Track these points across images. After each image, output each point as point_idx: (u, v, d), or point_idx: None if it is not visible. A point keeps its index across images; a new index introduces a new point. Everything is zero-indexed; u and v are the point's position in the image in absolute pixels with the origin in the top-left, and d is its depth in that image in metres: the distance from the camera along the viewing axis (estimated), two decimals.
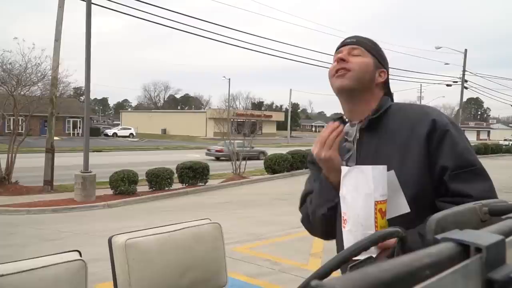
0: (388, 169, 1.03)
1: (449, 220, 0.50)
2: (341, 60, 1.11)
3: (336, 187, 1.09)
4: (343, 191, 1.03)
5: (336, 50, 1.17)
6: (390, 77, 1.19)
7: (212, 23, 12.88)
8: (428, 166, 1.05)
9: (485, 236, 0.39)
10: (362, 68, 1.11)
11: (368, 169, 1.00)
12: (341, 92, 1.13)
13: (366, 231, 0.98)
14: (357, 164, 1.09)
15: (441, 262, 0.35)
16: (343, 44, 1.16)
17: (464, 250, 0.37)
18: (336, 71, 1.12)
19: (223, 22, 13.59)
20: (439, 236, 0.41)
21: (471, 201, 0.54)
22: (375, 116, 1.11)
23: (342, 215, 1.03)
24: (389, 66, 1.20)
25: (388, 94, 1.18)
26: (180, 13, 11.38)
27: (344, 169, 1.05)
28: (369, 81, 1.12)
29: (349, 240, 1.01)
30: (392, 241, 0.86)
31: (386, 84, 1.18)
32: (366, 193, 0.99)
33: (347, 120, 1.16)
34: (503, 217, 0.52)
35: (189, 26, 11.99)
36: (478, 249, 0.37)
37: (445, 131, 1.05)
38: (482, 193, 0.97)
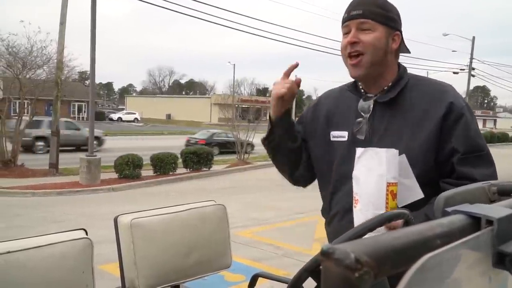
0: (397, 145, 1.05)
1: (458, 199, 0.49)
2: (353, 42, 1.07)
3: (273, 122, 1.16)
4: (356, 172, 1.05)
5: (343, 21, 1.11)
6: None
7: (217, 7, 12.70)
8: (436, 146, 1.06)
9: (496, 210, 0.38)
10: (375, 46, 1.08)
11: (382, 151, 1.02)
12: (357, 78, 1.13)
13: (377, 211, 0.99)
14: (366, 137, 1.10)
15: (452, 232, 0.34)
16: (350, 17, 1.09)
17: (475, 222, 0.37)
18: (349, 54, 1.09)
19: (228, 7, 13.39)
20: (449, 209, 0.40)
21: None
22: (392, 97, 1.09)
23: (354, 195, 1.05)
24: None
25: (405, 50, 1.15)
26: None
27: (359, 150, 1.06)
28: (383, 55, 1.09)
29: (359, 219, 1.03)
30: (399, 222, 0.86)
31: (400, 44, 1.13)
32: (378, 174, 1.00)
33: (362, 90, 1.15)
34: None
35: (194, 10, 11.84)
36: (489, 222, 0.36)
37: (461, 114, 1.06)
38: (486, 178, 0.96)
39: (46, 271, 1.07)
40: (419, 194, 1.05)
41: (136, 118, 42.36)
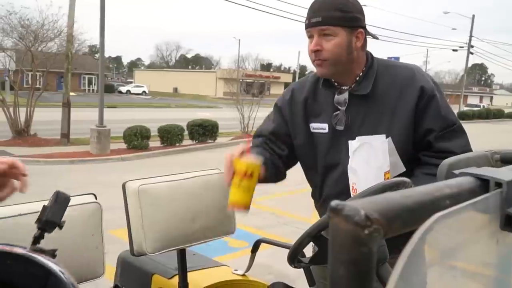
0: (377, 132, 1.10)
1: (461, 165, 0.49)
2: (316, 51, 1.09)
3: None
4: (353, 164, 1.10)
5: (305, 27, 1.12)
6: (395, 40, 1.22)
7: None
8: (412, 129, 1.12)
9: (505, 173, 0.37)
10: (337, 52, 1.09)
11: (377, 143, 1.07)
12: (324, 77, 1.16)
13: None
14: (345, 128, 1.14)
15: (461, 194, 0.33)
16: (311, 24, 1.09)
17: (484, 185, 0.36)
18: (313, 60, 1.12)
19: None
20: (457, 171, 0.39)
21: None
22: (365, 93, 1.12)
23: (352, 184, 1.10)
24: (396, 30, 1.20)
25: (373, 37, 1.17)
26: None
27: (353, 144, 1.10)
28: (347, 56, 1.10)
29: None
30: None
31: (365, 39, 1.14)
32: (377, 166, 1.06)
33: (335, 83, 1.17)
34: None
35: None
36: (498, 184, 0.35)
37: (432, 96, 1.11)
38: (462, 148, 1.08)
39: (55, 233, 1.10)
40: (402, 168, 1.12)
41: (144, 91, 42.34)
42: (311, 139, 1.20)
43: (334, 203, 0.26)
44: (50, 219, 0.86)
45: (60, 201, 0.88)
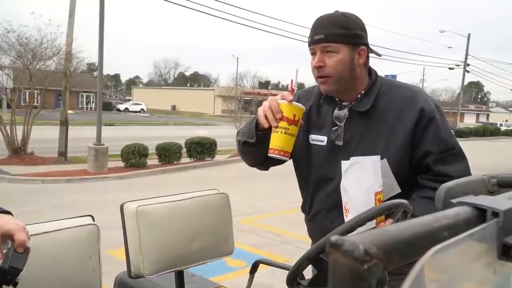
0: (374, 151, 1.11)
1: (458, 190, 0.50)
2: (318, 67, 1.10)
3: (258, 135, 1.12)
4: (345, 184, 1.10)
5: (308, 45, 1.14)
6: (393, 58, 1.22)
7: (222, 2, 12.59)
8: (410, 150, 1.12)
9: (502, 201, 0.38)
10: (340, 69, 1.10)
11: (368, 163, 1.07)
12: (327, 94, 1.17)
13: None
14: (344, 143, 1.15)
15: (458, 224, 0.34)
16: (314, 41, 1.11)
17: (481, 214, 0.37)
18: (317, 77, 1.13)
19: (232, 2, 13.26)
20: (454, 200, 0.40)
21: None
22: (364, 110, 1.13)
23: (344, 204, 1.11)
24: (393, 49, 1.20)
25: (376, 54, 1.18)
26: None
27: (345, 163, 1.10)
28: (350, 73, 1.11)
29: None
30: (390, 222, 0.94)
31: (367, 56, 1.15)
32: (367, 186, 1.06)
33: (336, 99, 1.18)
34: None
35: (200, 5, 11.76)
36: (495, 214, 0.36)
37: (432, 118, 1.11)
38: (461, 173, 1.08)
39: (54, 256, 1.09)
40: (397, 189, 1.11)
41: (142, 109, 42.58)
42: (308, 150, 1.20)
43: (333, 238, 0.26)
44: (12, 265, 0.80)
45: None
